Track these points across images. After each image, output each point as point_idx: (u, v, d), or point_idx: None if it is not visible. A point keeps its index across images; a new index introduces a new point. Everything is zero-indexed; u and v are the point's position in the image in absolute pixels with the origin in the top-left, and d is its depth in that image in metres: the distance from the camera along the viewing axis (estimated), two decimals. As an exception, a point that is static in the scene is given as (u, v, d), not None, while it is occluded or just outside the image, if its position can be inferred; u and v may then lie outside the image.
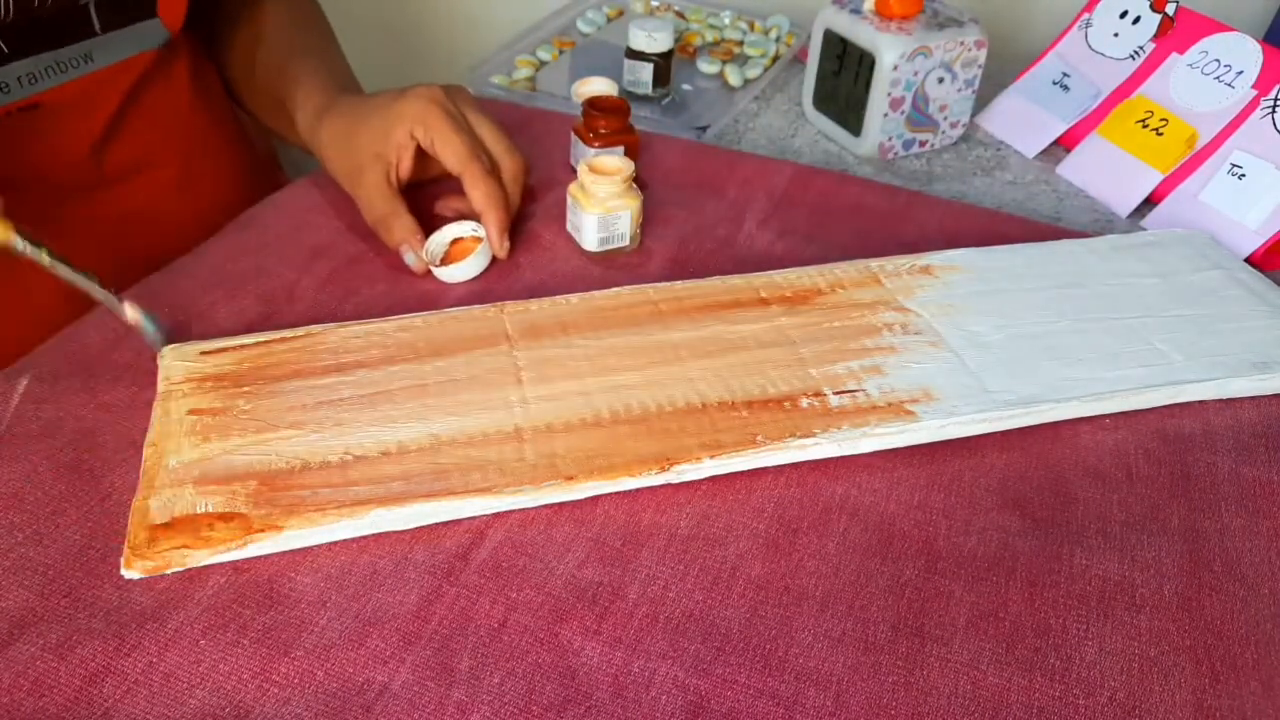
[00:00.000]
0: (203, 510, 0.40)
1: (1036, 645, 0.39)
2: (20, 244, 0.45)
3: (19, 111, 0.60)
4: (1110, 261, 0.59)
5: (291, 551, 0.40)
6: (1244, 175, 0.67)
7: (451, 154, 0.57)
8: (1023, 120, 0.80)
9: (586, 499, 0.43)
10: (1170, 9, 0.76)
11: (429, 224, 0.59)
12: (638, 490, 0.44)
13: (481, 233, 0.59)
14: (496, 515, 0.43)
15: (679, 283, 0.55)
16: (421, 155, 0.59)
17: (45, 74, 0.60)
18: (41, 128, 0.61)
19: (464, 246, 0.59)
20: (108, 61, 0.63)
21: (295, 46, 0.71)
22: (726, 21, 0.98)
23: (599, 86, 0.80)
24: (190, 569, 0.39)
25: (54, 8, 0.58)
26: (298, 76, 0.67)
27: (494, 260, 0.59)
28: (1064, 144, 0.79)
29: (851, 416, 0.47)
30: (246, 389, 0.47)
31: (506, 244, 0.58)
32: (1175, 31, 0.75)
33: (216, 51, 0.77)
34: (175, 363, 0.48)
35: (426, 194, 0.62)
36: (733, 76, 0.87)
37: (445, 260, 0.59)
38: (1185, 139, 0.70)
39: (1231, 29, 0.72)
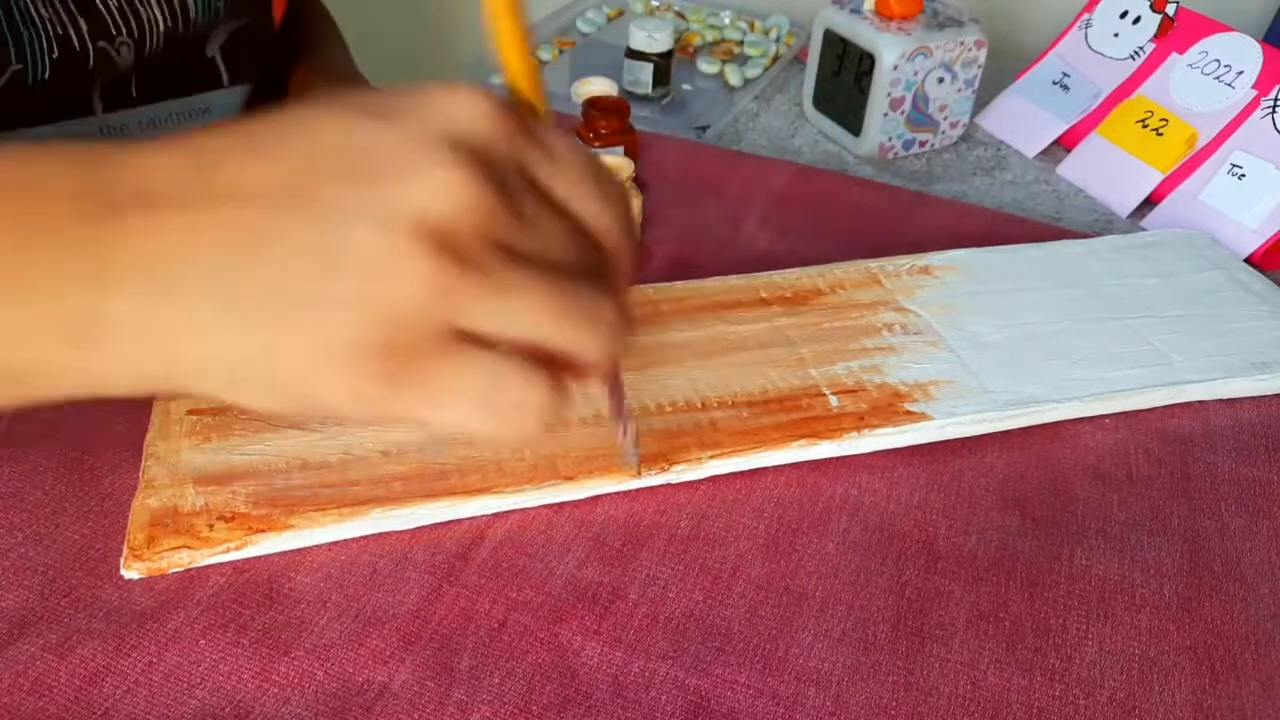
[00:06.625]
0: (202, 510, 0.40)
1: (1036, 645, 0.39)
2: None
3: None
4: (1110, 261, 0.59)
5: (291, 551, 0.40)
6: (1244, 175, 0.67)
7: None
8: (1023, 120, 0.80)
9: (586, 499, 0.43)
10: (1170, 9, 0.76)
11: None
12: (638, 490, 0.44)
13: None
14: (496, 515, 0.43)
15: (679, 283, 0.55)
16: None
17: (167, 122, 0.60)
18: None
19: None
20: (223, 116, 0.63)
21: (313, 55, 0.72)
22: (726, 21, 0.98)
23: (599, 86, 0.80)
24: (190, 569, 0.39)
25: (181, 57, 0.57)
26: (311, 78, 0.67)
27: None
28: (1064, 144, 0.79)
29: (851, 416, 0.47)
30: (246, 389, 0.47)
31: None
32: (1175, 32, 0.75)
33: None
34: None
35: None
36: (733, 76, 0.87)
37: None
38: (1185, 139, 0.70)
39: (1231, 29, 0.72)
